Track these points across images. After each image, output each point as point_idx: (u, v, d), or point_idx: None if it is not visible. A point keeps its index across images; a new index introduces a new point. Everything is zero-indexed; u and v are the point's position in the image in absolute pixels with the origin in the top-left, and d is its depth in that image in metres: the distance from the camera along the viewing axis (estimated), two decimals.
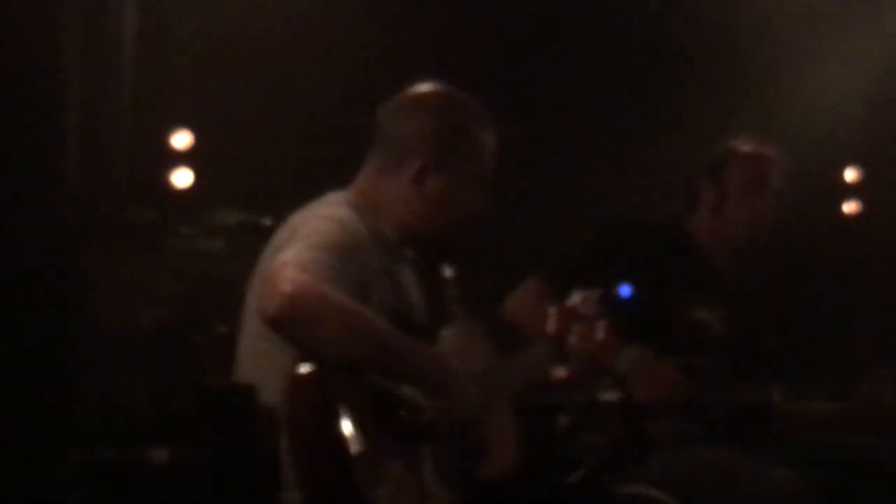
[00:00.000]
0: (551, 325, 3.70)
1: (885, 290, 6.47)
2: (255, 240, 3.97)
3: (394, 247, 3.54)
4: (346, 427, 3.17)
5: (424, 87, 3.65)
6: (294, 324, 3.16)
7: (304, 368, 3.16)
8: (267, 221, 4.33)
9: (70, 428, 4.37)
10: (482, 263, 4.35)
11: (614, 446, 4.18)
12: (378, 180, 3.55)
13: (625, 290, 4.14)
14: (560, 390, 4.13)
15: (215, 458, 3.47)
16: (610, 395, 4.18)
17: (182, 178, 5.34)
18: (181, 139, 5.33)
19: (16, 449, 4.17)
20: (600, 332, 3.74)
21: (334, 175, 3.59)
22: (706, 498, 4.01)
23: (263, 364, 3.33)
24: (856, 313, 6.48)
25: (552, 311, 3.73)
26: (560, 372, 3.94)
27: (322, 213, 3.42)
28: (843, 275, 6.60)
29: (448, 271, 3.74)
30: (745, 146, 4.45)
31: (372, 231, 3.45)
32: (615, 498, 4.00)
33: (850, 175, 6.73)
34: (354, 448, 3.11)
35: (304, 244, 3.26)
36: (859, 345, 6.12)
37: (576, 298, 3.75)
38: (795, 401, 4.45)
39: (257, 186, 4.12)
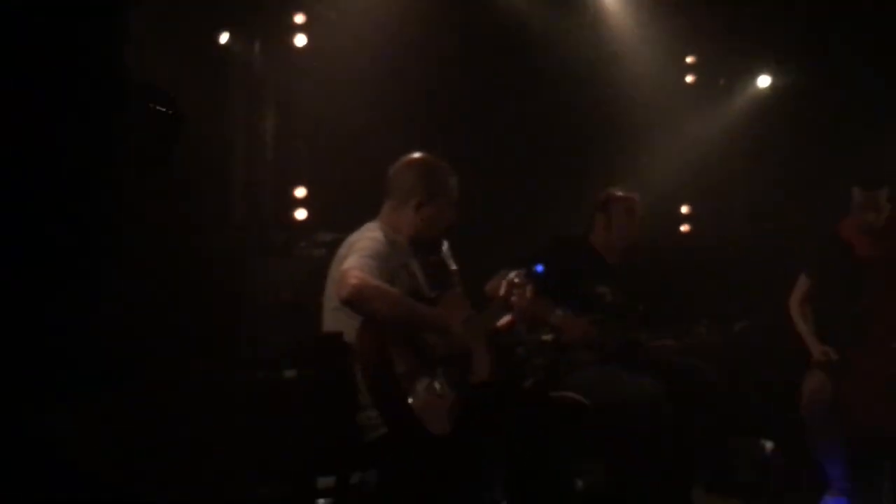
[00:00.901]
0: (501, 291, 4.55)
1: (705, 274, 7.20)
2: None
3: (406, 250, 4.38)
4: (392, 356, 4.01)
5: (415, 155, 4.48)
6: (358, 302, 4.02)
7: (366, 324, 4.02)
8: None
9: (236, 359, 5.15)
10: (476, 262, 4.79)
11: (550, 367, 5.10)
12: (394, 213, 4.41)
13: (539, 268, 4.89)
14: (519, 334, 4.89)
15: (322, 379, 4.26)
16: (548, 337, 5.15)
17: (300, 214, 6.00)
18: (300, 191, 6.00)
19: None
20: (528, 293, 4.52)
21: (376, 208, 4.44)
22: (604, 397, 4.85)
23: (341, 325, 4.16)
24: (689, 286, 6.92)
25: (503, 284, 4.56)
26: (507, 318, 4.62)
27: (366, 235, 4.29)
28: (683, 266, 7.21)
29: (452, 264, 4.48)
30: (619, 192, 5.54)
31: (393, 243, 4.31)
32: (550, 397, 4.76)
33: (685, 209, 7.60)
34: (398, 368, 4.01)
35: (359, 255, 4.13)
36: (691, 305, 6.40)
37: (511, 274, 4.58)
38: (655, 339, 5.45)
39: (342, 218, 4.62)
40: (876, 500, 5.39)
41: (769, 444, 6.08)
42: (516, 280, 4.56)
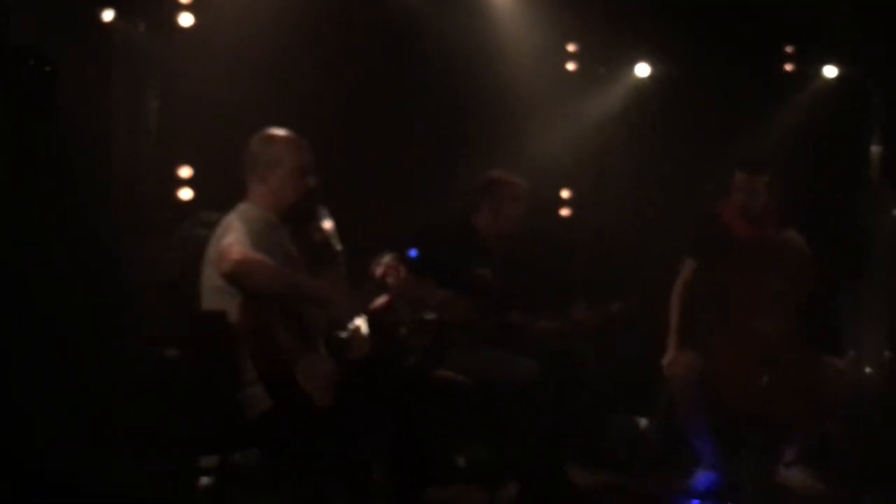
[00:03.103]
0: (378, 272, 4.68)
1: (583, 256, 7.45)
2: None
3: (278, 226, 4.44)
4: (275, 330, 4.06)
5: (263, 131, 4.51)
6: (240, 276, 4.10)
7: (248, 299, 4.07)
8: None
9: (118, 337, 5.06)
10: (361, 245, 4.76)
11: (431, 347, 5.05)
12: (252, 188, 4.47)
13: (413, 253, 4.98)
14: (401, 314, 4.87)
15: (204, 358, 4.27)
16: (430, 316, 5.11)
17: (185, 194, 5.96)
18: (184, 171, 5.96)
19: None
20: (401, 273, 4.64)
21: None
22: (483, 376, 5.04)
23: (221, 302, 4.20)
24: (568, 270, 7.26)
25: (378, 266, 4.68)
26: (383, 298, 4.72)
27: (240, 215, 4.35)
28: (563, 249, 7.41)
29: (338, 245, 4.48)
30: (505, 176, 5.66)
31: (266, 219, 4.38)
32: (432, 377, 4.87)
33: (565, 193, 7.64)
34: (283, 343, 4.08)
35: (236, 231, 4.21)
36: (570, 287, 6.82)
37: (387, 257, 4.69)
38: (533, 320, 5.56)
39: (228, 198, 4.54)
40: (743, 475, 5.52)
41: (643, 421, 6.23)
42: (391, 262, 4.66)
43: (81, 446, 4.47)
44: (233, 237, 4.19)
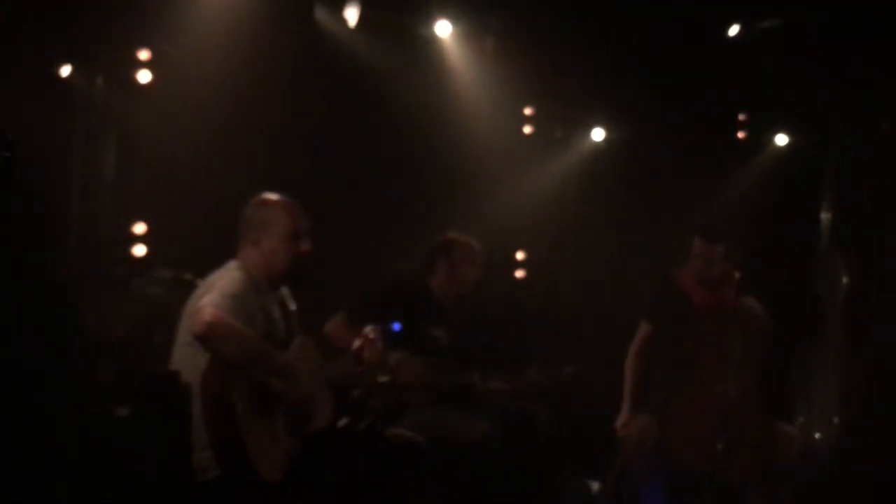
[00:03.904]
0: (356, 345, 4.58)
1: (537, 318, 7.48)
2: (180, 288, 4.81)
3: (267, 290, 4.40)
4: (234, 398, 4.02)
5: (263, 195, 4.51)
6: (210, 339, 4.05)
7: (211, 363, 4.03)
8: (188, 276, 4.92)
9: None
10: (315, 302, 4.84)
11: (386, 407, 5.10)
12: (244, 251, 4.43)
13: (396, 327, 4.90)
14: (353, 375, 4.70)
15: (156, 418, 4.21)
16: (384, 378, 5.05)
17: (139, 250, 5.90)
18: (139, 227, 5.91)
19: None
20: (379, 347, 4.58)
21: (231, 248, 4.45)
22: (438, 437, 5.01)
23: (189, 361, 4.17)
24: (522, 331, 7.19)
25: (358, 338, 4.58)
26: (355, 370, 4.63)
27: (226, 274, 4.33)
28: (516, 310, 7.44)
29: (292, 305, 4.52)
30: (460, 238, 5.68)
31: (253, 282, 4.33)
32: (387, 437, 4.84)
33: (520, 255, 7.70)
34: (239, 410, 4.02)
35: (217, 292, 4.17)
36: (524, 349, 6.71)
37: (368, 330, 4.60)
38: (488, 381, 5.57)
39: (182, 256, 4.74)
40: None
41: (595, 485, 6.20)
42: (371, 335, 4.60)
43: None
44: (211, 297, 4.15)
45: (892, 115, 7.24)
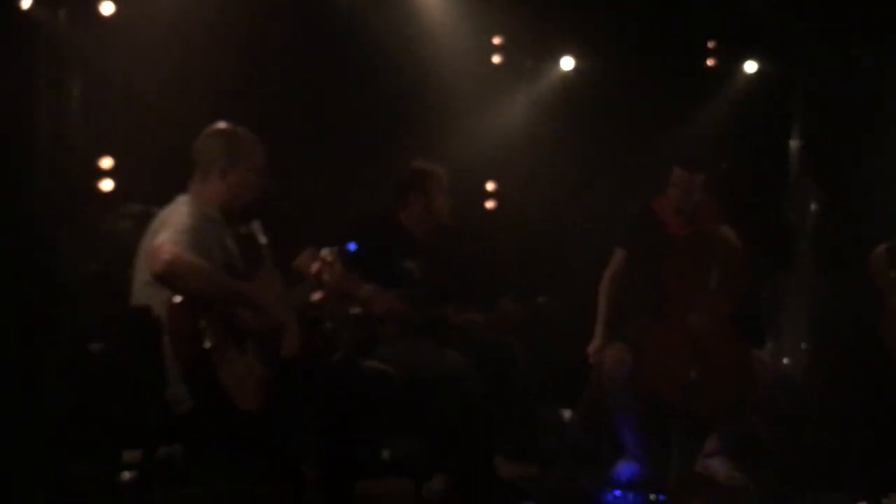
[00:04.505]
0: (314, 268, 4.59)
1: (509, 250, 7.50)
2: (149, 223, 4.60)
3: (220, 222, 4.35)
4: (203, 331, 4.01)
5: (219, 125, 4.45)
6: (170, 278, 4.02)
7: (177, 299, 4.02)
8: (156, 210, 4.64)
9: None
10: (287, 239, 4.83)
11: (358, 340, 5.14)
12: (201, 184, 4.37)
13: (351, 247, 4.79)
14: (327, 306, 4.81)
15: (129, 353, 4.24)
16: (356, 311, 5.20)
17: (106, 185, 5.94)
18: (106, 162, 5.93)
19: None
20: (338, 269, 4.56)
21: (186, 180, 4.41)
22: (411, 369, 5.01)
23: (152, 297, 4.15)
24: (495, 263, 7.27)
25: (315, 261, 4.60)
26: (318, 294, 4.64)
27: (178, 210, 4.26)
28: (487, 241, 7.42)
29: (263, 239, 4.44)
30: (430, 167, 5.62)
31: (205, 215, 4.28)
32: (360, 369, 4.81)
33: (490, 186, 7.70)
34: (207, 343, 4.02)
35: (172, 229, 4.11)
36: (497, 280, 6.81)
37: (325, 252, 4.59)
38: (461, 313, 5.58)
39: (152, 190, 4.63)
40: (665, 467, 5.59)
41: (567, 413, 6.26)
42: (328, 258, 4.59)
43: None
44: (167, 235, 4.09)
45: (862, 41, 7.21)
